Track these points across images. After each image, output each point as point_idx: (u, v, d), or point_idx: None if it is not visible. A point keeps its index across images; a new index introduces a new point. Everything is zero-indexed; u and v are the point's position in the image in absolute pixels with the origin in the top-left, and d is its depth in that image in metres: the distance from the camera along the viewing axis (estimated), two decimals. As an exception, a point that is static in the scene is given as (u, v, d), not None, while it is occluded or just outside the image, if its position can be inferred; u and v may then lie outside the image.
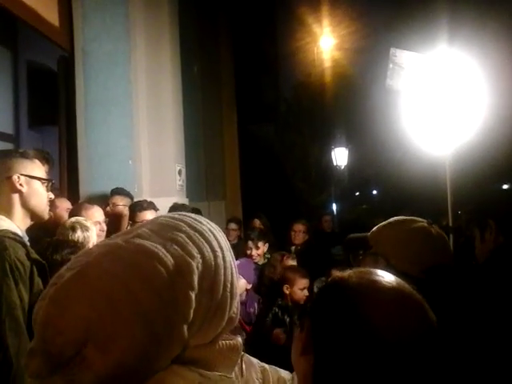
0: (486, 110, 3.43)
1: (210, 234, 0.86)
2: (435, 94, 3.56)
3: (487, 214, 1.78)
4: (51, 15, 4.64)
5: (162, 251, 0.76)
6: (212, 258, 0.82)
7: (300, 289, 3.40)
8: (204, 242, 0.83)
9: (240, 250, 4.65)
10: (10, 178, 1.97)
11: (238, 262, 3.62)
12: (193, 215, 0.90)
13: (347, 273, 0.85)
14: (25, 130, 7.05)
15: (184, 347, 0.78)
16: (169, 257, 0.76)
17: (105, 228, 3.04)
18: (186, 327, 0.75)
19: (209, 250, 0.82)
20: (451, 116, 3.53)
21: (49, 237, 2.70)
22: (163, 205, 3.94)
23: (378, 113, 12.90)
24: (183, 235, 0.81)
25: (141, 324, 0.70)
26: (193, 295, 0.76)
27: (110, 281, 0.72)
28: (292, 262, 3.95)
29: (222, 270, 0.83)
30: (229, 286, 0.84)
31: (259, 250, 4.42)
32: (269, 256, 4.39)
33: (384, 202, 15.38)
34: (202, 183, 7.45)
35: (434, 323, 0.78)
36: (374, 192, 21.95)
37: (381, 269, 1.62)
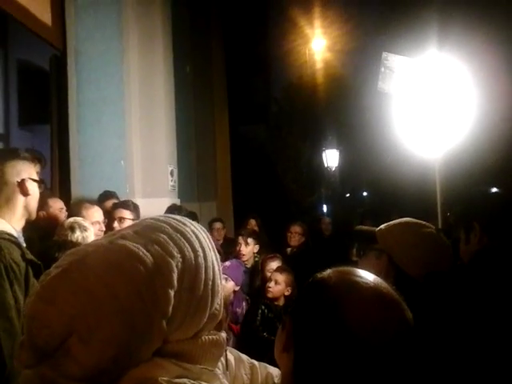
0: (476, 114, 3.48)
1: (192, 234, 0.89)
2: (426, 97, 3.61)
3: (472, 217, 1.82)
4: (43, 13, 4.60)
5: (142, 251, 0.80)
6: (193, 258, 0.85)
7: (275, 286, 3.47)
8: (185, 242, 0.86)
9: (226, 249, 4.64)
10: (21, 181, 1.97)
11: (228, 263, 3.64)
12: (178, 217, 0.94)
13: (327, 273, 0.87)
14: (15, 128, 7.02)
15: (165, 341, 0.82)
16: (149, 256, 0.80)
17: (103, 228, 3.05)
18: (164, 322, 0.79)
19: (190, 250, 0.86)
20: (441, 119, 3.58)
21: (41, 236, 2.71)
22: (155, 205, 3.93)
23: (370, 115, 12.97)
24: (165, 236, 0.85)
25: (121, 318, 0.75)
26: (172, 292, 0.80)
27: (93, 278, 0.77)
28: (275, 264, 3.88)
29: (203, 269, 0.86)
30: (210, 283, 0.88)
31: (249, 248, 4.36)
32: (258, 258, 4.37)
33: (374, 204, 15.45)
34: (194, 184, 7.45)
35: (411, 322, 0.80)
36: (365, 194, 22.03)
37: (383, 265, 1.69)
